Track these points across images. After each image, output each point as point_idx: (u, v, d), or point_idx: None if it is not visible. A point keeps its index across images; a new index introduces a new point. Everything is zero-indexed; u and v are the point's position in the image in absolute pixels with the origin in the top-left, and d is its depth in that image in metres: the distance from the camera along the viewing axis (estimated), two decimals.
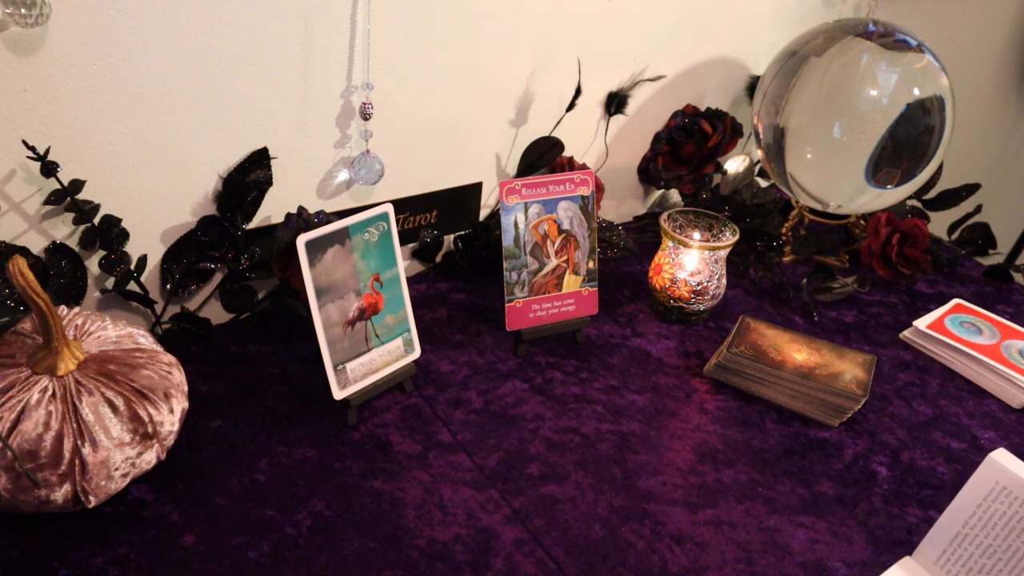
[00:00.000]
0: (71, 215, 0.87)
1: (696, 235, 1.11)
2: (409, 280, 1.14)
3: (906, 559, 0.80)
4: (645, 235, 1.32)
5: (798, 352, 1.00)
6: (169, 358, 0.81)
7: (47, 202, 0.85)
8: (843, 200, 1.18)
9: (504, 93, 1.12)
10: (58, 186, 0.84)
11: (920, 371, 1.08)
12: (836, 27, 1.15)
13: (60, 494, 0.70)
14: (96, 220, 0.89)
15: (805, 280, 1.20)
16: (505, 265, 0.99)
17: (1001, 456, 0.75)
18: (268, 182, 0.97)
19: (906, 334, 1.14)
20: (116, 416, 0.72)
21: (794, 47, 1.16)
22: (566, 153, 1.19)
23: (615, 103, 1.23)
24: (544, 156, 1.17)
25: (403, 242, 1.13)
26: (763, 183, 1.41)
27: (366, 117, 0.99)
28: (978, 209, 1.34)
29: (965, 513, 0.76)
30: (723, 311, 1.16)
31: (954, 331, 1.11)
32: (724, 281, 1.11)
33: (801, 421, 0.97)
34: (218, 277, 1.01)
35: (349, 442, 0.87)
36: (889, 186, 1.14)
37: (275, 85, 0.93)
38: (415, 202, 1.11)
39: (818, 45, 1.13)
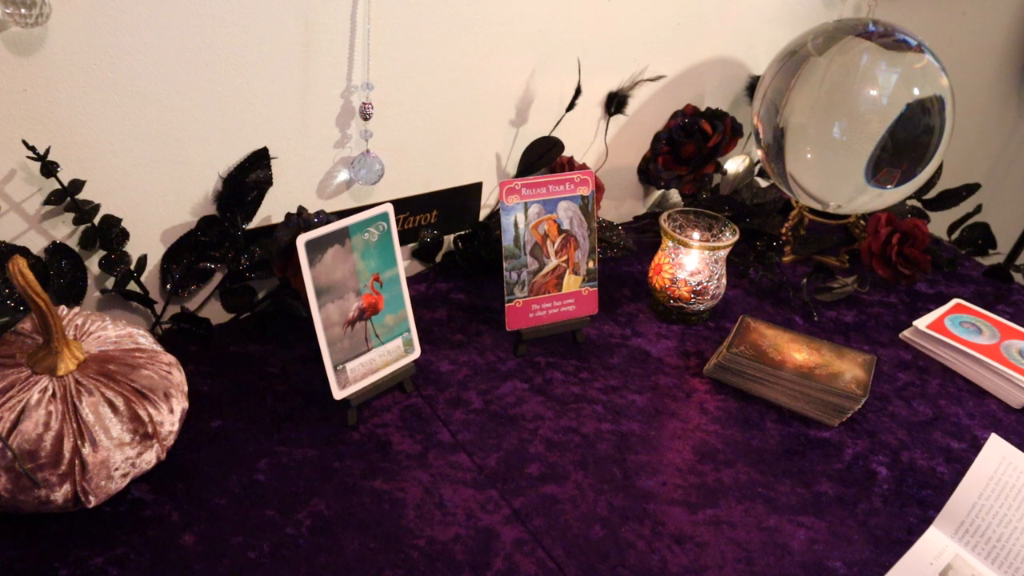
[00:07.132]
0: (71, 215, 0.87)
1: (696, 235, 1.11)
2: (409, 280, 1.14)
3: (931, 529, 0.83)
4: (645, 235, 1.32)
5: (798, 352, 1.00)
6: (169, 358, 0.81)
7: (47, 202, 0.85)
8: (843, 200, 1.18)
9: (504, 93, 1.12)
10: (58, 186, 0.84)
11: (920, 371, 1.08)
12: (836, 27, 1.15)
13: (60, 494, 0.70)
14: (96, 220, 0.89)
15: (805, 280, 1.20)
16: (505, 265, 0.99)
17: (998, 439, 0.83)
18: (268, 182, 0.97)
19: (906, 334, 1.14)
20: (116, 416, 0.72)
21: (794, 47, 1.16)
22: (566, 153, 1.19)
23: (615, 103, 1.23)
24: (544, 156, 1.17)
25: (403, 242, 1.13)
26: (763, 183, 1.41)
27: (366, 117, 0.99)
28: (978, 209, 1.34)
29: (979, 486, 0.81)
30: (723, 311, 1.16)
31: (954, 331, 1.11)
32: (724, 281, 1.11)
33: (801, 421, 0.97)
34: (218, 277, 1.01)
35: (349, 442, 0.87)
36: (889, 186, 1.14)
37: (275, 85, 0.93)
38: (415, 202, 1.11)
39: (818, 45, 1.13)
